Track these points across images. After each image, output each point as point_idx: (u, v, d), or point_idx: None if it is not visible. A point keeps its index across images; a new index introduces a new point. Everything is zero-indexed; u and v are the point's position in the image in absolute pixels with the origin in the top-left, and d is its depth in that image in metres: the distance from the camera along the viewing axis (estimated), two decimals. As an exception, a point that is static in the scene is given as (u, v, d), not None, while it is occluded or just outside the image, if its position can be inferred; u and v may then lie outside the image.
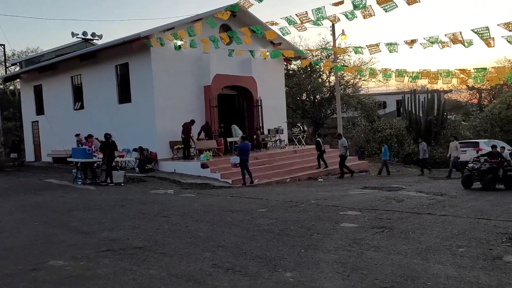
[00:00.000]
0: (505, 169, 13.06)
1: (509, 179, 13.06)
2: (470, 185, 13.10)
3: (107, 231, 7.02)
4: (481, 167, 13.00)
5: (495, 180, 12.83)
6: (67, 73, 20.79)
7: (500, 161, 13.09)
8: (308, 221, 7.73)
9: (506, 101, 30.62)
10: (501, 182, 12.97)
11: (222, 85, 18.99)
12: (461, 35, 11.40)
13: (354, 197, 11.17)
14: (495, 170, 12.85)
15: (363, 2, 8.92)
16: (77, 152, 13.66)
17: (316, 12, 9.68)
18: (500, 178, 12.89)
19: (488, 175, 12.78)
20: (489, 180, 12.74)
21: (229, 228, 7.15)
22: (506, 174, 13.02)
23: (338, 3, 9.17)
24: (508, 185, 12.99)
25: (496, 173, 12.80)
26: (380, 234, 6.72)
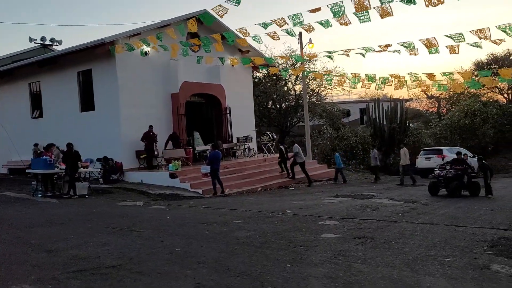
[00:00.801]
0: (470, 176, 13.23)
1: (473, 186, 13.23)
2: (436, 192, 13.24)
3: (74, 248, 6.49)
4: (447, 174, 13.11)
5: (461, 187, 12.96)
6: (24, 79, 19.72)
7: (465, 168, 13.24)
8: (288, 233, 7.49)
9: (464, 109, 31.79)
10: (466, 188, 13.11)
11: (190, 93, 18.57)
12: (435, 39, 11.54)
13: (329, 206, 11.06)
14: (461, 177, 12.98)
15: (341, 9, 8.86)
16: (37, 163, 12.83)
17: (293, 18, 9.53)
18: (465, 185, 13.04)
19: (454, 182, 12.89)
20: (455, 187, 12.83)
21: (207, 242, 6.80)
22: (471, 181, 13.21)
23: (315, 10, 9.07)
24: (473, 191, 13.15)
25: (462, 180, 12.96)
26: (363, 244, 6.57)
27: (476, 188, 13.26)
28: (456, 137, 31.40)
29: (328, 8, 8.80)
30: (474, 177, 13.48)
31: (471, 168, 13.46)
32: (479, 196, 12.89)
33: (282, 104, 36.74)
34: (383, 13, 9.33)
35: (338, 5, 8.76)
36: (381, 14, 9.37)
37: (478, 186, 13.26)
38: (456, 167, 13.20)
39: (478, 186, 13.27)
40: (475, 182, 13.35)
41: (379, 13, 9.37)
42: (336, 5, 8.78)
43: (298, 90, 37.01)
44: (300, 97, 36.62)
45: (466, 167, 13.24)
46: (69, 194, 12.56)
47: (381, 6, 9.14)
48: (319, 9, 9.07)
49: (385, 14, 9.34)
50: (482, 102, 32.58)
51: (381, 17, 9.42)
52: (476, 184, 13.32)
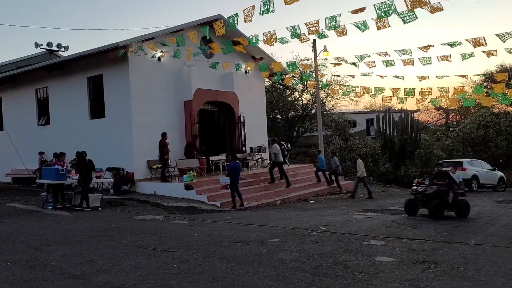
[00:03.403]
0: (456, 193, 11.09)
1: (461, 205, 11.06)
2: (414, 211, 11.17)
3: (103, 273, 5.70)
4: (426, 190, 10.96)
5: (443, 206, 10.84)
6: (31, 85, 18.98)
7: (449, 183, 11.08)
8: (336, 255, 6.72)
9: (476, 121, 31.17)
10: (451, 208, 10.99)
11: (203, 101, 17.86)
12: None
13: (362, 222, 10.31)
14: (443, 194, 10.83)
15: (391, 8, 8.20)
16: (49, 173, 12.02)
17: (330, 20, 8.88)
18: (450, 204, 10.91)
19: (434, 200, 10.75)
20: (435, 206, 10.65)
21: (251, 267, 6.02)
22: (457, 199, 11.09)
23: (358, 10, 8.41)
24: (460, 211, 10.99)
25: (445, 198, 10.83)
26: (430, 271, 5.81)
27: (464, 207, 11.07)
28: (468, 149, 30.75)
29: (375, 8, 8.11)
30: (461, 194, 11.47)
31: (458, 184, 11.53)
32: (468, 218, 10.81)
33: (289, 113, 36.09)
34: (432, 10, 8.70)
35: (388, 4, 8.08)
36: (431, 11, 8.74)
37: (466, 205, 11.13)
38: (438, 182, 11.08)
39: (466, 205, 11.14)
40: (463, 201, 11.17)
41: (429, 11, 8.73)
42: (385, 4, 8.10)
43: (306, 100, 36.43)
44: (307, 107, 36.04)
45: (451, 182, 11.12)
46: (81, 206, 11.76)
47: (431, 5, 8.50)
48: (363, 9, 8.39)
49: (435, 10, 8.70)
50: (494, 114, 31.97)
51: (431, 13, 8.79)
52: (464, 202, 11.15)
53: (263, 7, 8.42)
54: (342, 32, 10.00)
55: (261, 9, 8.45)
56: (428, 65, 13.00)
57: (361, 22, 9.83)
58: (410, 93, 15.42)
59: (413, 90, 15.31)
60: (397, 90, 15.84)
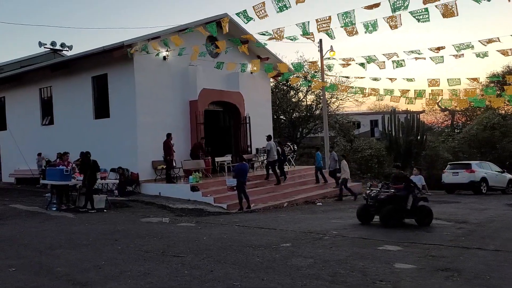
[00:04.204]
0: (417, 198, 9.92)
1: (421, 212, 9.93)
2: (368, 218, 10.10)
3: (111, 280, 5.45)
4: (378, 195, 9.97)
5: (399, 213, 9.75)
6: (35, 84, 18.76)
7: (407, 186, 9.97)
8: (352, 261, 6.46)
9: (482, 122, 30.85)
10: (410, 215, 9.89)
11: (209, 101, 17.61)
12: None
13: (373, 226, 10.02)
14: (399, 199, 9.75)
15: (404, 4, 7.95)
16: (53, 173, 11.79)
17: (344, 16, 8.63)
18: (409, 210, 9.78)
19: (387, 206, 9.71)
20: (387, 213, 9.56)
21: (266, 273, 5.76)
22: (416, 205, 9.90)
23: (372, 6, 8.16)
24: (421, 219, 9.87)
25: (400, 204, 9.76)
26: (454, 279, 5.54)
27: (425, 214, 9.96)
28: (474, 151, 30.40)
29: (390, 3, 7.85)
30: (423, 199, 10.20)
31: (418, 188, 10.25)
32: (431, 226, 9.73)
33: (293, 114, 35.83)
34: (446, 12, 8.44)
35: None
36: (443, 13, 8.49)
37: (428, 212, 10.04)
38: (393, 186, 10.15)
39: (428, 212, 10.04)
40: (424, 207, 10.03)
41: (442, 12, 8.48)
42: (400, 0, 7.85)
43: (310, 101, 36.16)
44: (312, 108, 35.75)
45: (410, 186, 9.99)
46: (86, 207, 11.53)
47: (445, 4, 8.25)
48: (378, 5, 8.13)
49: (448, 14, 8.45)
50: (501, 115, 31.64)
51: (443, 16, 8.54)
52: (425, 209, 10.04)
53: (278, 4, 8.16)
54: (352, 31, 9.73)
55: (277, 6, 8.19)
56: (440, 63, 12.74)
57: (372, 22, 9.60)
58: (420, 95, 15.17)
59: (423, 91, 15.06)
60: (407, 92, 15.60)
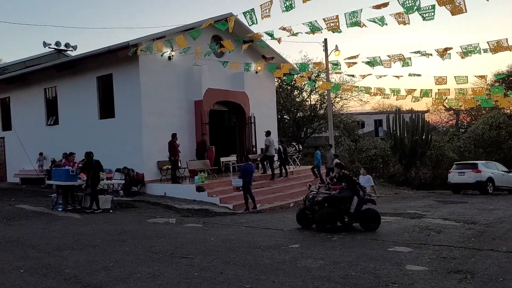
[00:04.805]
0: (362, 200, 9.18)
1: (367, 215, 9.15)
2: (309, 222, 9.35)
3: (120, 282, 5.39)
4: (315, 196, 9.21)
5: (336, 216, 9.02)
6: (40, 85, 18.76)
7: (351, 187, 9.22)
8: (363, 263, 6.38)
9: (488, 122, 30.65)
10: (354, 219, 9.12)
11: (214, 100, 17.55)
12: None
13: (381, 226, 9.86)
14: (339, 201, 9.06)
15: (416, 3, 7.86)
16: (59, 174, 11.76)
17: (351, 16, 8.55)
18: (353, 214, 9.06)
19: (324, 208, 9.01)
20: (322, 217, 8.83)
21: (276, 276, 5.69)
22: (361, 208, 9.15)
23: (381, 6, 8.07)
24: (366, 224, 9.12)
25: (340, 206, 9.07)
26: (467, 282, 5.46)
27: (371, 218, 9.18)
28: (480, 151, 30.23)
29: (399, 3, 7.76)
30: (370, 201, 9.48)
31: (362, 189, 9.43)
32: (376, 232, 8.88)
33: (297, 114, 35.74)
34: (453, 9, 8.33)
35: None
36: (451, 11, 8.37)
37: (374, 216, 9.25)
38: (333, 187, 9.55)
39: (374, 215, 9.26)
40: (370, 210, 9.31)
41: (450, 10, 8.37)
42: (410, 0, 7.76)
43: (314, 100, 36.08)
44: (316, 108, 35.66)
45: (354, 187, 9.25)
46: (91, 208, 11.48)
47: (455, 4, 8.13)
48: (387, 5, 8.04)
49: (456, 11, 8.34)
50: (507, 115, 31.44)
51: (452, 14, 8.43)
52: (371, 212, 9.27)
53: (285, 4, 8.10)
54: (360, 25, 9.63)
55: (283, 5, 8.13)
56: (447, 59, 12.53)
57: (379, 17, 9.48)
58: (427, 94, 15.04)
59: (430, 91, 14.93)
60: (413, 91, 15.48)
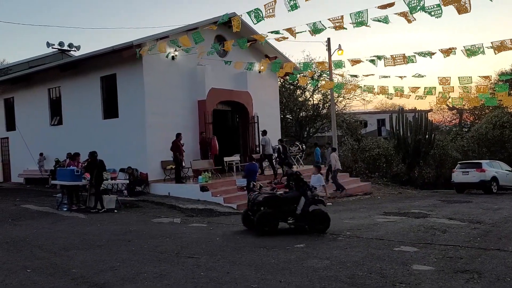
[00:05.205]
0: (310, 201, 8.72)
1: (314, 217, 8.70)
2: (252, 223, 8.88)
3: (127, 282, 5.41)
4: (257, 197, 8.80)
5: (277, 217, 8.58)
6: (43, 85, 18.81)
7: (298, 187, 8.79)
8: (369, 263, 6.38)
9: (492, 121, 30.56)
10: (301, 220, 8.71)
11: (217, 100, 17.56)
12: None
13: (387, 226, 9.93)
14: (281, 202, 8.67)
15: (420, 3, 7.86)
16: (64, 174, 11.79)
17: (356, 16, 8.54)
18: (299, 215, 8.66)
19: (264, 209, 8.55)
20: (261, 218, 8.38)
21: (283, 275, 5.70)
22: (308, 209, 8.67)
23: (386, 6, 8.07)
24: (314, 225, 8.64)
25: (282, 207, 8.64)
26: (475, 282, 5.45)
27: (319, 219, 8.73)
28: (484, 150, 30.13)
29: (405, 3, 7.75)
30: (319, 202, 8.97)
31: (310, 189, 8.97)
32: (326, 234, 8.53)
33: (300, 114, 35.72)
34: (459, 7, 8.33)
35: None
36: (457, 9, 8.37)
37: (323, 217, 8.81)
38: (276, 186, 9.38)
39: (323, 217, 8.81)
40: (318, 211, 8.81)
41: (456, 8, 8.36)
42: (416, 0, 7.76)
43: (316, 100, 36.04)
44: (319, 107, 35.63)
45: (301, 187, 8.80)
46: (96, 208, 11.50)
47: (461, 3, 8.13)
48: (392, 5, 8.04)
49: (462, 10, 8.33)
50: (510, 114, 31.33)
51: (458, 13, 8.43)
52: (319, 213, 8.81)
53: (289, 3, 8.11)
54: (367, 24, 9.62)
55: (288, 5, 8.14)
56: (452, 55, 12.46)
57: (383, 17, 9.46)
58: (431, 92, 15.01)
59: (433, 89, 14.90)
60: (416, 90, 15.45)
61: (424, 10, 8.77)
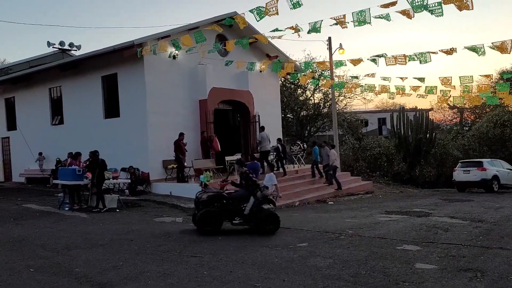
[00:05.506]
0: (258, 201, 8.41)
1: (263, 217, 8.38)
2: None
3: (131, 281, 5.41)
4: (202, 196, 8.70)
5: (221, 217, 8.35)
6: (44, 84, 18.80)
7: (248, 186, 8.55)
8: (372, 261, 6.38)
9: (493, 119, 30.54)
10: (248, 221, 8.43)
11: (218, 100, 17.55)
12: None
13: (389, 225, 9.93)
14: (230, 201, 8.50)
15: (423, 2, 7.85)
16: (66, 173, 11.79)
17: (359, 14, 8.54)
18: (246, 215, 8.39)
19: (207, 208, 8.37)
20: (201, 218, 8.21)
21: (286, 274, 5.70)
22: (256, 209, 8.40)
23: (389, 4, 8.06)
24: (261, 226, 8.36)
25: (230, 206, 8.48)
26: (478, 280, 5.45)
27: (269, 220, 8.44)
28: (485, 149, 30.13)
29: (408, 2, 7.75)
30: (270, 202, 8.73)
31: (260, 189, 8.61)
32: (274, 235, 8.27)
33: (300, 113, 35.71)
34: (461, 5, 8.32)
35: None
36: (459, 6, 8.36)
37: (273, 218, 8.54)
38: (221, 184, 9.22)
39: (272, 218, 8.54)
40: (266, 212, 8.49)
41: (457, 6, 8.35)
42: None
43: (317, 99, 36.02)
44: (319, 106, 35.61)
45: (251, 186, 8.55)
46: (98, 207, 11.50)
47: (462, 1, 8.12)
48: (395, 3, 8.03)
49: (463, 7, 8.32)
50: (511, 112, 31.29)
51: (459, 10, 8.42)
52: (267, 214, 8.50)
53: (292, 1, 8.10)
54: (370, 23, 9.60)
55: (290, 3, 8.14)
56: (453, 58, 12.55)
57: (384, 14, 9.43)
58: (431, 91, 15.01)
59: (434, 88, 14.89)
60: (417, 88, 15.44)
61: (427, 9, 8.78)
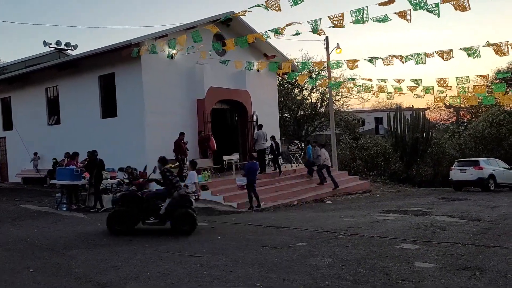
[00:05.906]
0: (175, 200, 8.16)
1: (179, 217, 8.12)
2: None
3: (131, 281, 5.41)
4: (116, 195, 8.66)
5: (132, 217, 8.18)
6: (41, 84, 18.71)
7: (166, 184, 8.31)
8: (371, 260, 6.40)
9: (489, 119, 30.67)
10: (163, 221, 8.24)
11: (216, 99, 17.54)
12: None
13: (387, 224, 9.95)
14: (143, 200, 8.31)
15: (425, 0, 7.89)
16: (63, 173, 11.76)
17: (356, 13, 8.55)
18: (162, 215, 8.16)
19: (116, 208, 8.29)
20: (111, 217, 8.16)
21: (286, 273, 5.71)
22: (172, 208, 8.13)
23: (386, 3, 8.08)
24: (177, 226, 8.16)
25: (141, 205, 8.27)
26: (477, 279, 5.47)
27: (184, 220, 8.17)
28: (481, 148, 30.25)
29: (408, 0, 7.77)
30: (187, 201, 8.39)
31: (176, 188, 8.35)
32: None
33: (297, 112, 35.73)
34: (457, 5, 8.36)
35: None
36: (455, 6, 8.40)
37: (189, 218, 8.25)
38: (135, 182, 9.06)
39: (189, 217, 8.26)
40: (184, 212, 8.24)
41: (453, 5, 8.40)
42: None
43: (314, 99, 36.07)
44: (316, 106, 35.65)
45: (168, 185, 8.33)
46: (95, 207, 11.48)
47: (459, 1, 8.16)
48: (393, 1, 8.06)
49: (460, 8, 8.37)
50: (507, 112, 31.45)
51: (455, 9, 8.46)
52: (184, 214, 8.23)
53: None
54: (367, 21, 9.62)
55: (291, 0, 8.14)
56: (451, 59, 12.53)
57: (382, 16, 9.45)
58: (429, 91, 15.06)
59: (432, 88, 14.93)
60: (415, 89, 15.49)
61: (427, 9, 8.80)
